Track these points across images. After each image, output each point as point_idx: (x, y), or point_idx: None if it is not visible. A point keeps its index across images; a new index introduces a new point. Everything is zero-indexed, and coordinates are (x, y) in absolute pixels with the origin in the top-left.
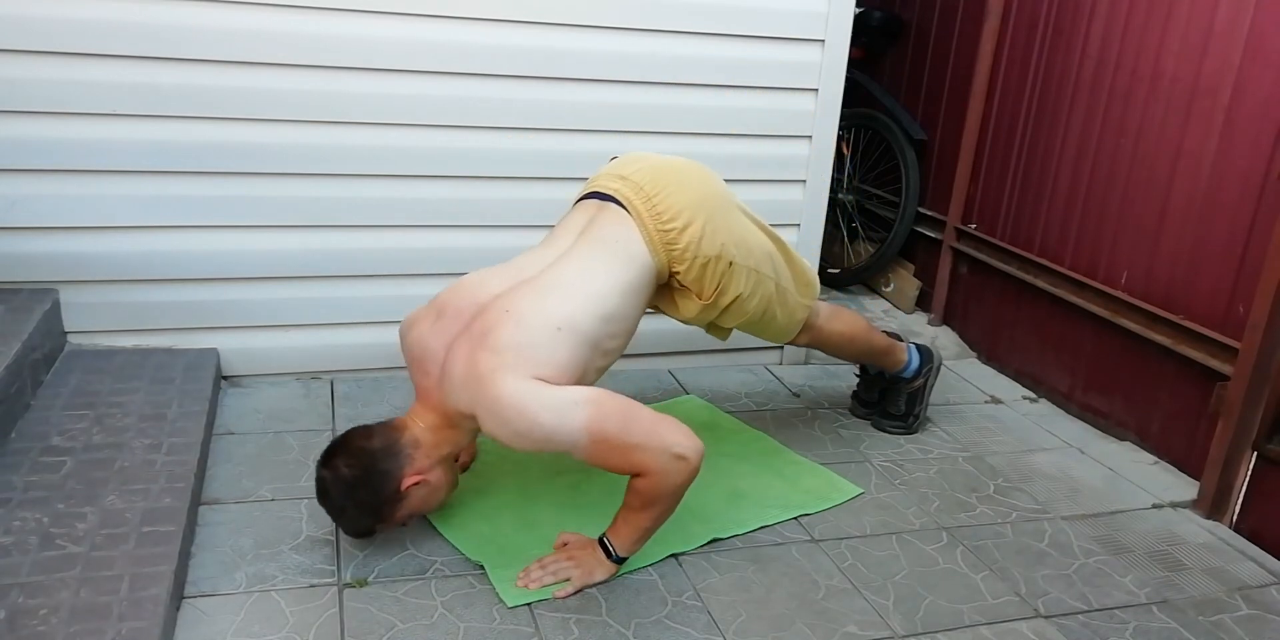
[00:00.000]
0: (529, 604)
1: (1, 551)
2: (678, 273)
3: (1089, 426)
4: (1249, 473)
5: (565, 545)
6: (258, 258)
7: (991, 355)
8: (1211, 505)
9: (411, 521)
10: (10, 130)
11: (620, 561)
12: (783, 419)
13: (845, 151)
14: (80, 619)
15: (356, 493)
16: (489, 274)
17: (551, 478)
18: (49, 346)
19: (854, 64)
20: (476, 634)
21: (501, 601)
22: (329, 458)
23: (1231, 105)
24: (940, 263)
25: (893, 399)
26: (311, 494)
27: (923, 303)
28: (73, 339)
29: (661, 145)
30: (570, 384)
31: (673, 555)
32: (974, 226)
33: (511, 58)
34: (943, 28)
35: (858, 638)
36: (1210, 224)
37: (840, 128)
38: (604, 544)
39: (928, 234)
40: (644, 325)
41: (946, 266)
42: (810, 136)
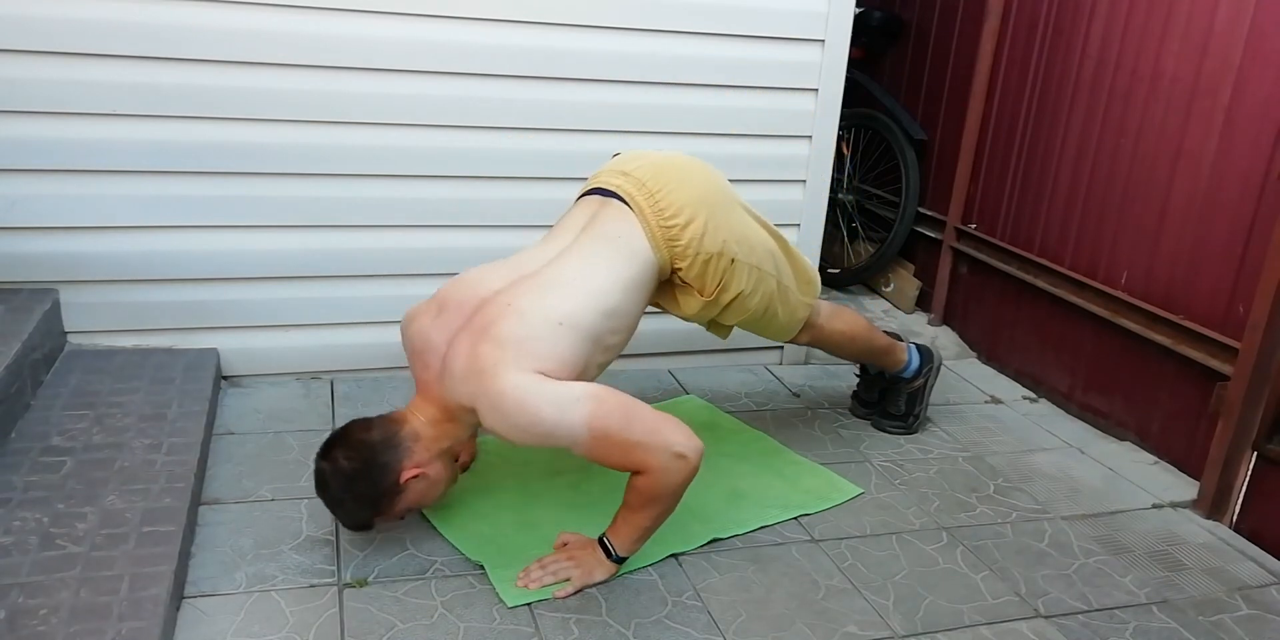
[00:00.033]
0: (529, 604)
1: (1, 551)
2: (680, 269)
3: (1089, 426)
4: (1249, 473)
5: (565, 545)
6: (258, 258)
7: (991, 355)
8: (1211, 505)
9: (409, 515)
10: (10, 130)
11: (620, 561)
12: (783, 419)
13: (845, 151)
14: (80, 619)
15: (355, 485)
16: (491, 269)
17: (551, 478)
18: (49, 346)
19: (854, 64)
20: (476, 634)
21: (501, 601)
22: (328, 449)
23: (1231, 105)
24: (940, 263)
25: (893, 399)
26: (312, 494)
27: (923, 303)
28: (73, 339)
29: (662, 145)
30: (571, 379)
31: (673, 555)
32: (974, 226)
33: (511, 58)
34: (943, 28)
35: (858, 638)
36: (1210, 224)
37: (840, 128)
38: (604, 544)
39: (928, 234)
40: (644, 325)
41: (946, 266)
42: (810, 136)
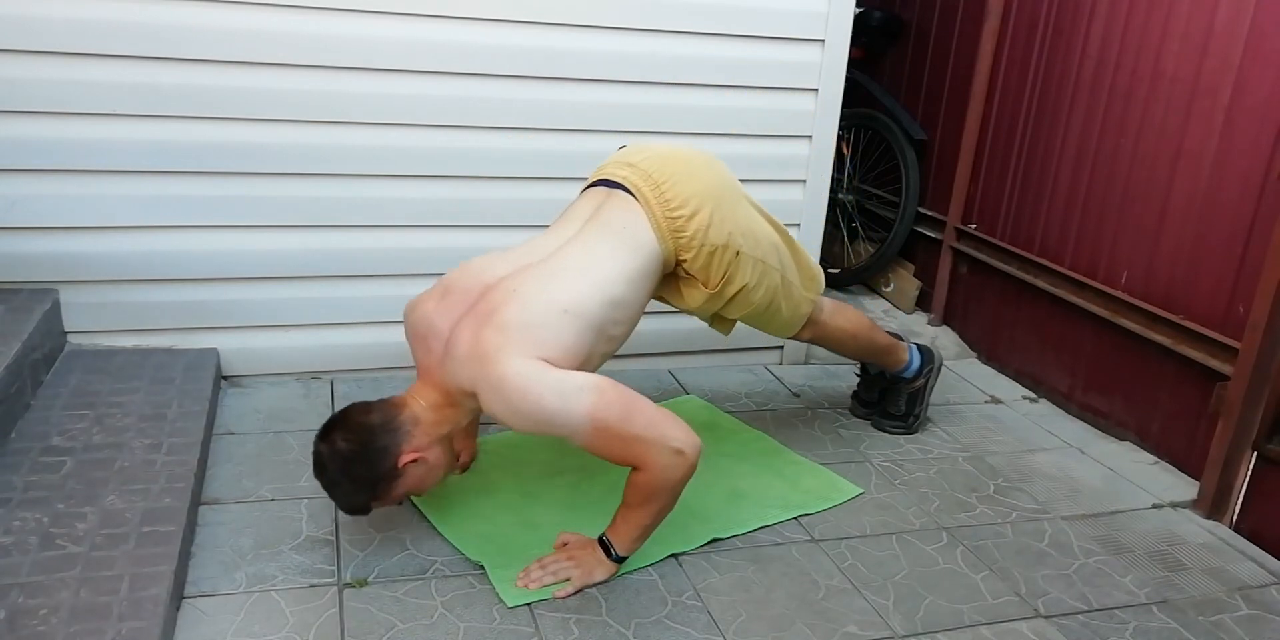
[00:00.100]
0: (529, 604)
1: (1, 551)
2: (684, 261)
3: (1089, 426)
4: (1249, 473)
5: (565, 545)
6: (258, 258)
7: (991, 355)
8: (1211, 505)
9: (406, 500)
10: (10, 130)
11: (620, 561)
12: (783, 419)
13: (845, 151)
14: (80, 619)
15: (353, 467)
16: (496, 257)
17: (551, 478)
18: (49, 346)
19: (854, 64)
20: (476, 634)
21: (501, 601)
22: (327, 432)
23: (1231, 105)
24: (940, 263)
25: (893, 399)
26: (312, 494)
27: (923, 303)
28: (73, 339)
29: None
30: (573, 368)
31: (673, 555)
32: (974, 226)
33: (511, 58)
34: (943, 28)
35: (858, 638)
36: (1210, 224)
37: (840, 128)
38: (604, 543)
39: (928, 234)
40: (644, 325)
41: (946, 266)
42: (810, 136)
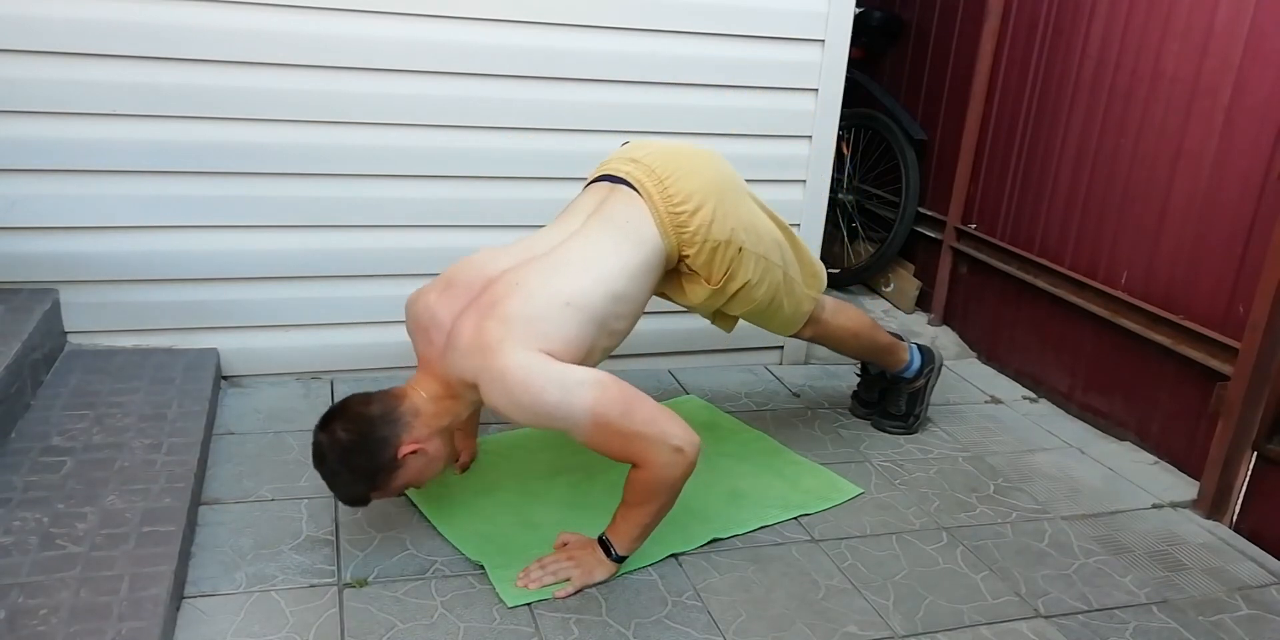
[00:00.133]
0: (529, 604)
1: (1, 551)
2: (687, 256)
3: (1089, 426)
4: (1249, 473)
5: (565, 545)
6: (258, 258)
7: (991, 355)
8: (1211, 505)
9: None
10: (10, 130)
11: (620, 560)
12: (783, 419)
13: (845, 151)
14: (80, 619)
15: (352, 458)
16: (498, 251)
17: (551, 477)
18: (49, 346)
19: (854, 64)
20: (476, 634)
21: (501, 601)
22: (327, 422)
23: (1231, 105)
24: (940, 263)
25: (893, 399)
26: (312, 494)
27: (923, 303)
28: (73, 339)
29: None
30: (575, 362)
31: (673, 555)
32: (974, 226)
33: (511, 58)
34: (943, 28)
35: (858, 638)
36: (1210, 224)
37: (840, 128)
38: (604, 543)
39: (928, 234)
40: (644, 325)
41: (946, 266)
42: (810, 136)
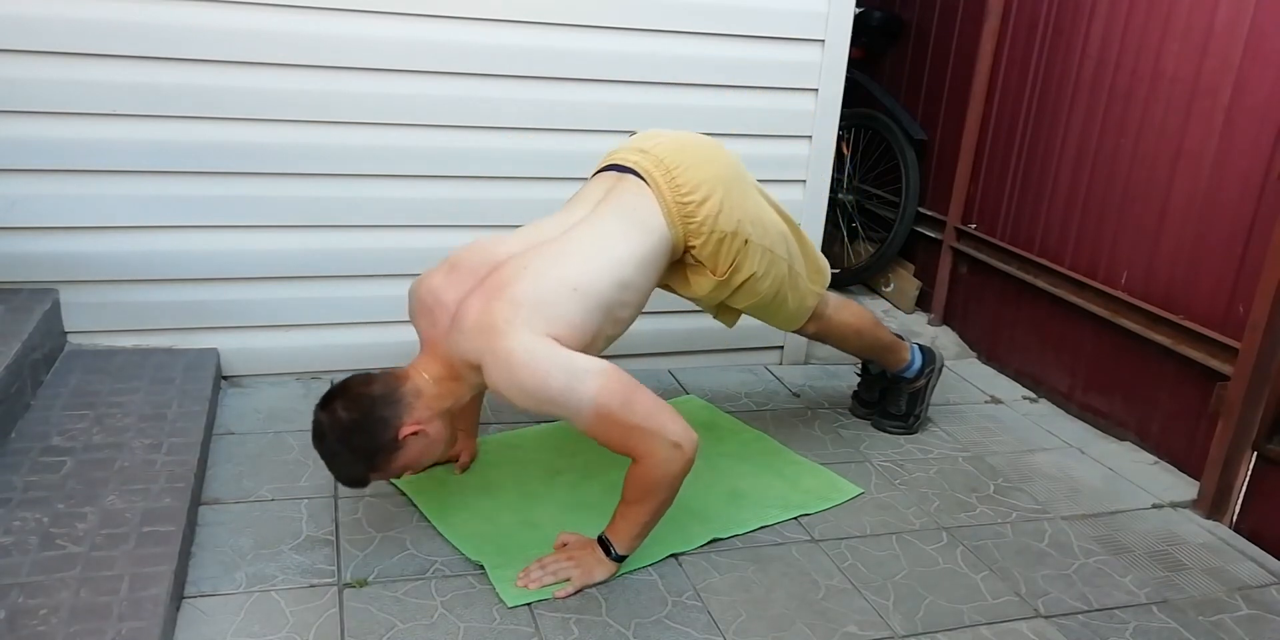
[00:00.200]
0: (529, 604)
1: (1, 551)
2: (693, 247)
3: (1089, 426)
4: (1249, 473)
5: (565, 545)
6: (258, 258)
7: (991, 355)
8: (1211, 505)
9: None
10: (10, 130)
11: (620, 560)
12: (783, 419)
13: (845, 151)
14: (80, 619)
15: (352, 438)
16: (504, 236)
17: (551, 478)
18: (49, 346)
19: (854, 64)
20: (476, 634)
21: (501, 601)
22: (327, 401)
23: (1231, 105)
24: (940, 263)
25: (893, 399)
26: (312, 494)
27: (923, 303)
28: (73, 339)
29: None
30: (579, 348)
31: (673, 555)
32: (974, 226)
33: (511, 58)
34: (943, 28)
35: (858, 638)
36: (1210, 224)
37: (840, 128)
38: (603, 542)
39: (928, 234)
40: (644, 325)
41: (946, 266)
42: (810, 136)
